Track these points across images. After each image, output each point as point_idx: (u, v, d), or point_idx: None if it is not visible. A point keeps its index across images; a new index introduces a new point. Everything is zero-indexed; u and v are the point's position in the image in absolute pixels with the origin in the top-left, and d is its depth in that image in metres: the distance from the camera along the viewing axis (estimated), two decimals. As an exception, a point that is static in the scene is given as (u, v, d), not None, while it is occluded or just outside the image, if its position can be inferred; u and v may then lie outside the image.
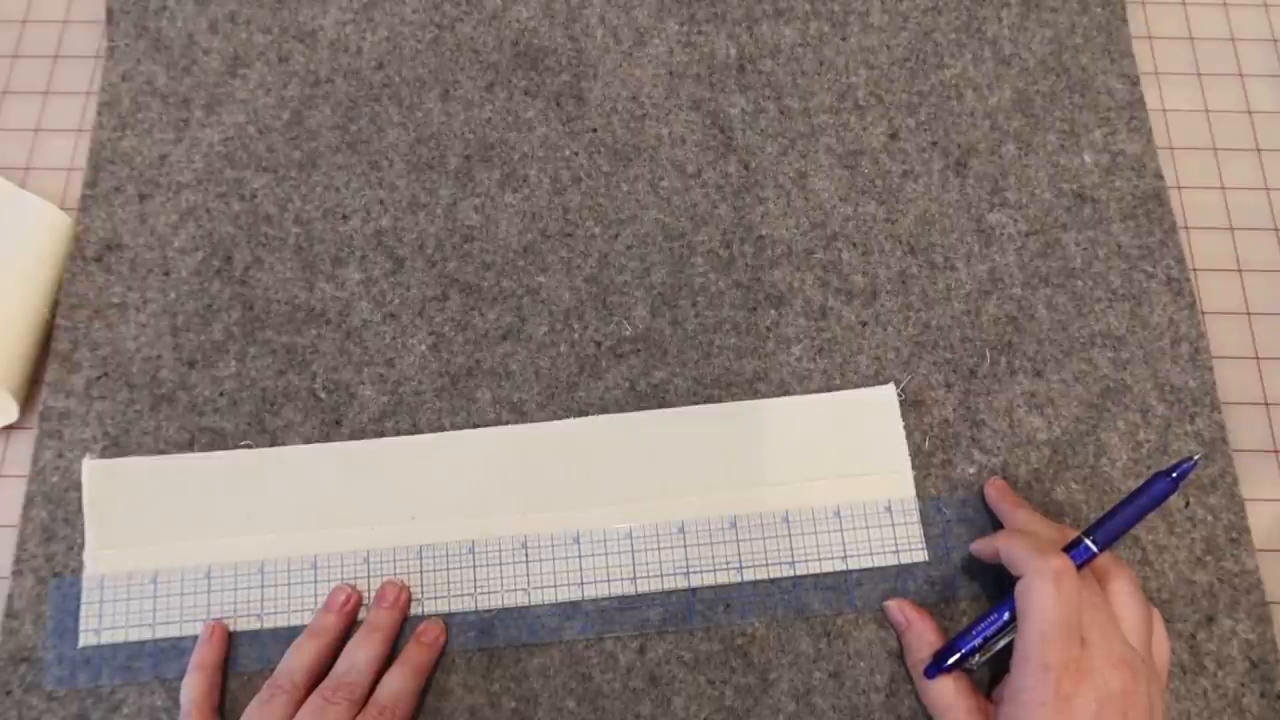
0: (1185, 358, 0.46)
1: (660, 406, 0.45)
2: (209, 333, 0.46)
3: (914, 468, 0.44)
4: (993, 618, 0.38)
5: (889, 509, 0.43)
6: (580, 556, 0.42)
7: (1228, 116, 0.52)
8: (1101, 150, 0.50)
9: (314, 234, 0.48)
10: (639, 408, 0.45)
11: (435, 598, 0.42)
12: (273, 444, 0.44)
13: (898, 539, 0.43)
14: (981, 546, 0.40)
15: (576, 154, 0.50)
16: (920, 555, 0.43)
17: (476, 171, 0.49)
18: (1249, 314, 0.48)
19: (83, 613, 0.41)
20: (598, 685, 0.41)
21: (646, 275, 0.47)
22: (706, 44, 0.52)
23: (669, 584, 0.42)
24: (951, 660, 0.38)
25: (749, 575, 0.42)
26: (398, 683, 0.38)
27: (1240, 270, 0.49)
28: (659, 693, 0.41)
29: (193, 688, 0.39)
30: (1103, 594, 0.37)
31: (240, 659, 0.41)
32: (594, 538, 0.43)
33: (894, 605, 0.41)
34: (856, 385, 0.45)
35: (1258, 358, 0.47)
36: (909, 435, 0.45)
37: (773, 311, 0.47)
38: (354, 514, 0.43)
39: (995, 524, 0.43)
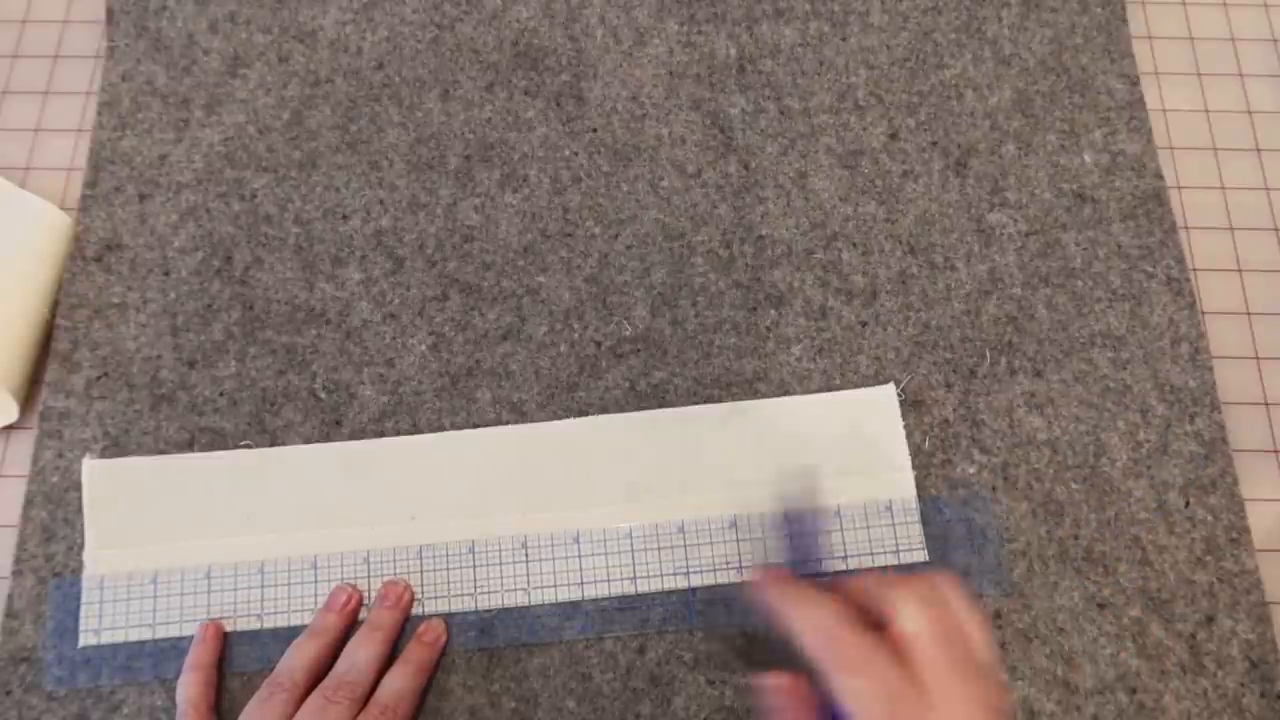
0: (1185, 358, 0.46)
1: (660, 406, 0.45)
2: (209, 333, 0.46)
3: (914, 468, 0.44)
4: None
5: (889, 509, 0.43)
6: (580, 556, 0.42)
7: (1228, 116, 0.52)
8: (1101, 150, 0.50)
9: (314, 234, 0.48)
10: (639, 408, 0.45)
11: (435, 598, 0.42)
12: (273, 444, 0.44)
13: (898, 539, 0.43)
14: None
15: (576, 154, 0.50)
16: (920, 555, 0.42)
17: (476, 171, 0.49)
18: (1249, 314, 0.48)
19: (83, 613, 0.41)
20: (598, 685, 0.41)
21: (646, 275, 0.47)
22: (706, 44, 0.52)
23: (669, 584, 0.42)
24: None
25: (749, 575, 0.42)
26: (399, 682, 0.38)
27: (1240, 270, 0.49)
28: (659, 693, 0.41)
29: (188, 687, 0.39)
30: (906, 664, 0.30)
31: (240, 659, 0.41)
32: (594, 538, 0.43)
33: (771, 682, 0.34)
34: (856, 385, 0.45)
35: (1258, 358, 0.47)
36: (909, 435, 0.45)
37: (773, 311, 0.47)
38: (354, 514, 0.43)
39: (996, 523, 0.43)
